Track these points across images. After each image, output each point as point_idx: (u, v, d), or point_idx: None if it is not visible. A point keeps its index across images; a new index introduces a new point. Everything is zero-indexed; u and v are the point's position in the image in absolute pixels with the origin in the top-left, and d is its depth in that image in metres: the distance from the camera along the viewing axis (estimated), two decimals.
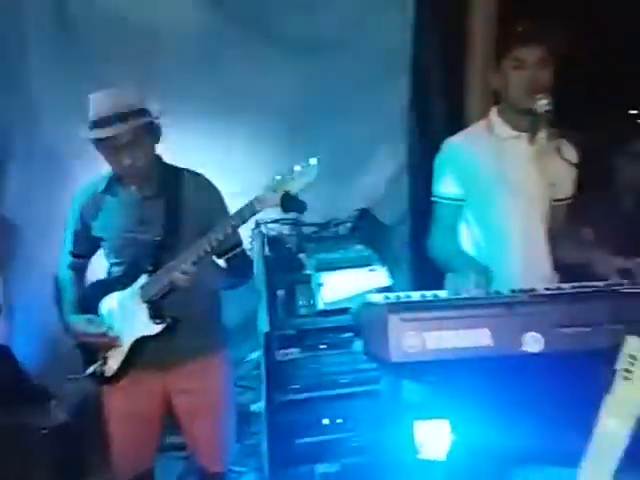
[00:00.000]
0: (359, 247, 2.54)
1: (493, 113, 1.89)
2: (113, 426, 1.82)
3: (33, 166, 2.68)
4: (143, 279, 1.71)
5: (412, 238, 3.12)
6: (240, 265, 1.84)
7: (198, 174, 1.83)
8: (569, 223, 2.02)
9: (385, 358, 1.16)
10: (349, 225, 2.83)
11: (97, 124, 1.62)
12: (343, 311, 2.38)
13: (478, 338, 1.18)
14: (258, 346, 2.72)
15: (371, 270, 2.44)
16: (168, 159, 1.83)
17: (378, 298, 1.43)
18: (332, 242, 2.60)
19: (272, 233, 2.61)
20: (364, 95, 2.85)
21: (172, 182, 1.76)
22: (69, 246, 1.86)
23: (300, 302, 2.42)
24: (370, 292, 2.33)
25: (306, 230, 2.72)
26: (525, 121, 1.80)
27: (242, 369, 2.82)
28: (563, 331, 1.22)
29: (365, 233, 2.71)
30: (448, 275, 1.95)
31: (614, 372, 1.25)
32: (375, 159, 3.03)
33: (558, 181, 1.89)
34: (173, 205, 1.73)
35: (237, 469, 2.54)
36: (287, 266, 2.45)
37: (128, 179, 1.72)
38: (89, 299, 1.83)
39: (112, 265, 1.82)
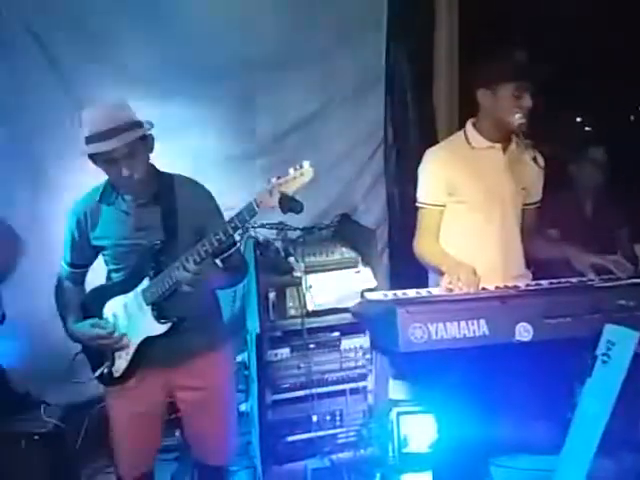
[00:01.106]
0: (344, 250, 2.64)
1: (469, 125, 2.04)
2: (119, 427, 1.86)
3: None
4: (145, 283, 1.77)
5: (390, 241, 3.27)
6: (236, 264, 1.90)
7: (190, 179, 1.90)
8: (539, 224, 2.20)
9: (394, 349, 1.28)
10: (332, 229, 2.94)
11: (93, 139, 1.66)
12: (331, 311, 2.48)
13: (476, 328, 1.31)
14: (245, 347, 2.80)
15: (357, 272, 2.55)
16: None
17: (378, 295, 1.54)
18: (317, 246, 2.68)
19: (260, 237, 2.68)
20: (346, 108, 2.98)
21: (166, 188, 1.82)
22: (68, 258, 1.89)
23: (290, 304, 2.49)
24: (357, 292, 2.44)
25: (291, 234, 2.81)
26: (499, 133, 1.96)
27: None
28: (548, 322, 1.37)
29: (347, 237, 2.81)
30: (431, 275, 2.09)
31: (594, 357, 1.41)
32: (354, 167, 3.16)
33: (529, 186, 2.07)
34: (169, 210, 1.78)
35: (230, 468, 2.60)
36: (277, 269, 2.53)
37: (125, 189, 1.77)
38: (90, 305, 1.88)
39: (112, 271, 1.86)
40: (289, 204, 1.50)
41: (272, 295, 2.44)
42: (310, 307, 2.48)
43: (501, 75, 1.88)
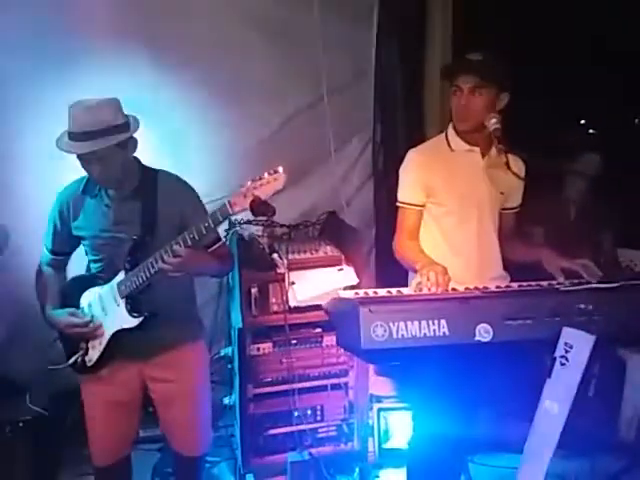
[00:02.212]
0: (328, 248, 2.68)
1: (450, 128, 2.08)
2: (92, 414, 1.91)
3: None
4: (121, 276, 1.81)
5: (377, 240, 3.31)
6: (222, 255, 1.91)
7: (174, 175, 1.92)
8: (520, 226, 2.23)
9: (356, 346, 1.32)
10: (318, 227, 2.97)
11: (75, 137, 1.69)
12: (314, 308, 2.52)
13: (436, 328, 1.35)
14: (230, 343, 2.85)
15: (339, 269, 2.59)
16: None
17: (349, 294, 1.59)
18: (302, 243, 2.72)
19: (245, 233, 2.72)
20: (335, 105, 3.00)
21: (149, 184, 1.84)
22: (49, 244, 1.94)
23: (273, 299, 2.54)
24: (338, 289, 2.48)
25: (277, 231, 2.84)
26: (477, 137, 1.99)
27: (215, 365, 2.91)
28: (509, 323, 1.41)
29: (333, 235, 2.85)
30: (412, 275, 2.13)
31: (553, 359, 1.44)
32: (343, 166, 3.20)
33: (507, 191, 2.10)
34: (149, 206, 1.81)
35: (211, 459, 2.65)
36: (260, 265, 2.57)
37: (102, 185, 1.82)
38: (69, 294, 1.93)
39: (91, 262, 1.91)
40: (261, 208, 1.53)
41: (254, 290, 2.48)
42: (292, 303, 2.52)
43: (445, 76, 1.98)
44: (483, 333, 1.38)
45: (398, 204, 2.11)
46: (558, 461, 1.56)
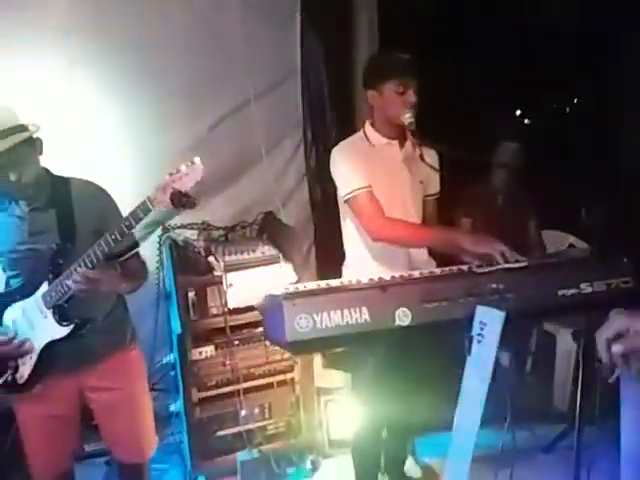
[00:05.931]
0: (265, 248, 2.71)
1: (367, 125, 2.16)
2: (29, 432, 1.88)
3: None
4: (44, 287, 1.78)
5: (316, 238, 3.37)
6: (134, 270, 1.90)
7: (86, 181, 1.91)
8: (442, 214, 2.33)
9: (282, 339, 1.36)
10: (255, 227, 3.00)
11: None
12: (253, 308, 2.55)
13: (358, 315, 1.41)
14: (172, 349, 2.83)
15: (278, 268, 2.63)
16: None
17: (278, 290, 1.63)
18: (239, 244, 2.74)
19: (180, 238, 2.71)
20: (263, 106, 3.04)
21: (61, 191, 1.82)
22: None
23: (212, 303, 2.55)
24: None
25: (214, 234, 2.85)
26: (393, 130, 2.09)
27: (158, 372, 2.90)
28: (426, 306, 1.48)
29: (271, 235, 2.89)
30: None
31: (471, 337, 1.53)
32: (276, 165, 3.23)
33: (425, 180, 2.20)
34: (65, 213, 1.79)
35: (160, 466, 2.63)
36: (196, 269, 2.57)
37: (14, 194, 1.78)
38: None
39: (10, 277, 1.86)
40: (181, 200, 1.55)
41: (192, 295, 2.49)
42: (232, 305, 2.54)
43: (383, 74, 2.02)
44: (402, 317, 1.45)
45: (348, 196, 2.05)
46: (498, 433, 1.66)
